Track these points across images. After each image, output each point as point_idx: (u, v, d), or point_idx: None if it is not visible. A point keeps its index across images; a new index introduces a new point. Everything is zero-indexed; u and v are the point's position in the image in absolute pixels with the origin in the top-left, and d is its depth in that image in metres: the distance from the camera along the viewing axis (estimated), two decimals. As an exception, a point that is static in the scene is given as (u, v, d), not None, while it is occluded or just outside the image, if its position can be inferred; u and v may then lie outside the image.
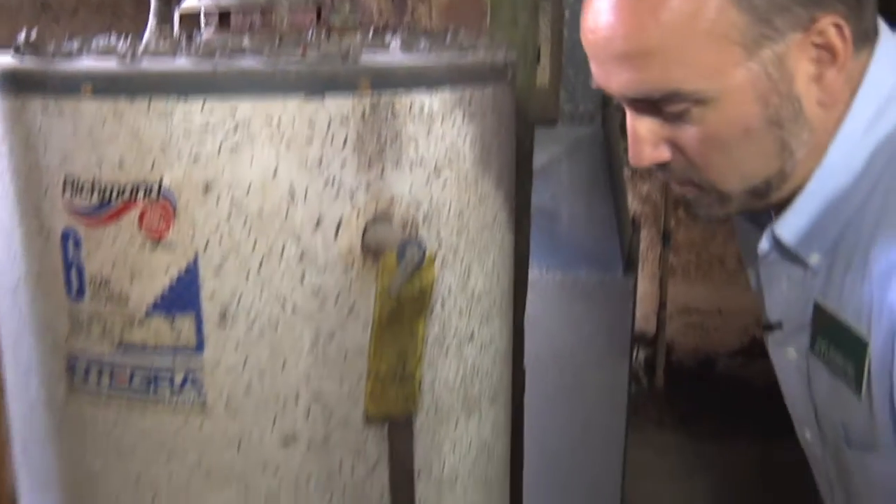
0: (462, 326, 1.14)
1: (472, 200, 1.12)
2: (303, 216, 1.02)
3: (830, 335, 1.04)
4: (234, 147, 1.00)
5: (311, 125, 1.00)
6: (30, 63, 1.08)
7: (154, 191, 1.00)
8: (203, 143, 0.99)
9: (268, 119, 0.99)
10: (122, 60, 1.05)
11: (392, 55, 1.13)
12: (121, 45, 1.10)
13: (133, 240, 1.02)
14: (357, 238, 1.04)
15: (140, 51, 1.07)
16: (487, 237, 1.16)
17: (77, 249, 1.05)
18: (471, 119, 1.11)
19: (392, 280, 1.01)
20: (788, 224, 1.05)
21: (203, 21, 1.18)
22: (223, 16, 1.16)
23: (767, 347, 1.20)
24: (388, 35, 1.18)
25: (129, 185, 1.01)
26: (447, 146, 1.08)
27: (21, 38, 1.11)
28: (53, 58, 1.09)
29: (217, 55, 1.05)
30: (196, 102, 0.99)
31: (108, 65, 1.04)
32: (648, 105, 1.00)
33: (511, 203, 1.24)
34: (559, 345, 2.32)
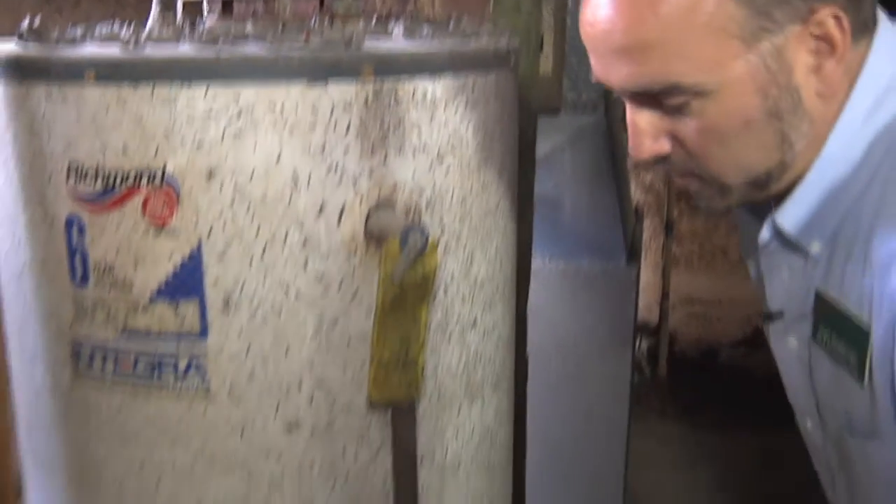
0: (465, 313, 1.15)
1: (475, 187, 1.13)
2: (306, 202, 1.02)
3: (832, 324, 1.04)
4: (238, 133, 1.00)
5: (315, 111, 1.01)
6: (33, 50, 1.08)
7: (157, 177, 1.01)
8: (206, 130, 1.00)
9: (271, 105, 1.00)
10: (126, 47, 1.05)
11: (395, 42, 1.13)
12: (124, 32, 1.10)
13: (137, 226, 1.02)
14: (360, 224, 1.04)
15: (143, 37, 1.07)
16: (490, 224, 1.16)
17: (81, 236, 1.05)
18: (473, 106, 1.11)
19: (395, 266, 1.01)
20: (789, 213, 1.06)
21: (206, 8, 1.18)
22: (226, 3, 1.17)
23: (768, 337, 1.20)
24: (391, 22, 1.18)
25: (133, 172, 1.01)
26: (450, 133, 1.09)
27: (25, 25, 1.11)
28: (57, 44, 1.09)
29: (220, 42, 1.05)
30: (199, 89, 0.99)
31: (112, 51, 1.04)
32: (648, 98, 1.00)
33: (514, 190, 1.24)
34: (562, 334, 2.32)
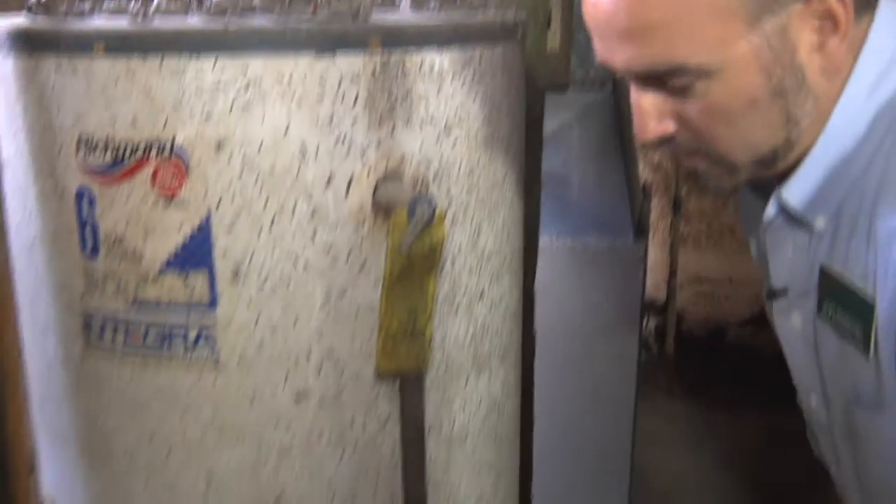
0: (472, 284, 1.15)
1: (482, 159, 1.13)
2: (314, 174, 1.02)
3: (837, 298, 1.04)
4: (246, 105, 1.00)
5: (322, 83, 1.01)
6: (42, 22, 1.09)
7: (167, 149, 1.01)
8: (215, 101, 1.00)
9: (279, 77, 1.00)
10: (134, 19, 1.05)
11: (402, 13, 1.13)
12: (132, 4, 1.10)
13: (146, 198, 1.03)
14: (368, 196, 1.04)
15: (152, 9, 1.08)
16: (497, 196, 1.17)
17: (91, 208, 1.06)
18: (480, 78, 1.11)
19: (403, 237, 1.01)
20: (794, 189, 1.06)
21: (214, -19, 1.18)
22: (234, -24, 1.17)
23: (770, 315, 1.20)
24: (398, -6, 1.18)
25: (142, 144, 1.02)
26: (457, 105, 1.09)
27: (33, -1, 1.12)
28: (66, 17, 1.09)
29: (228, 14, 1.06)
30: (208, 60, 0.99)
31: (120, 23, 1.05)
32: (652, 79, 1.00)
33: (520, 163, 1.24)
34: (569, 311, 2.33)
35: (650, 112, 1.02)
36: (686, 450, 3.58)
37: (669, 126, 1.03)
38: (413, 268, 1.04)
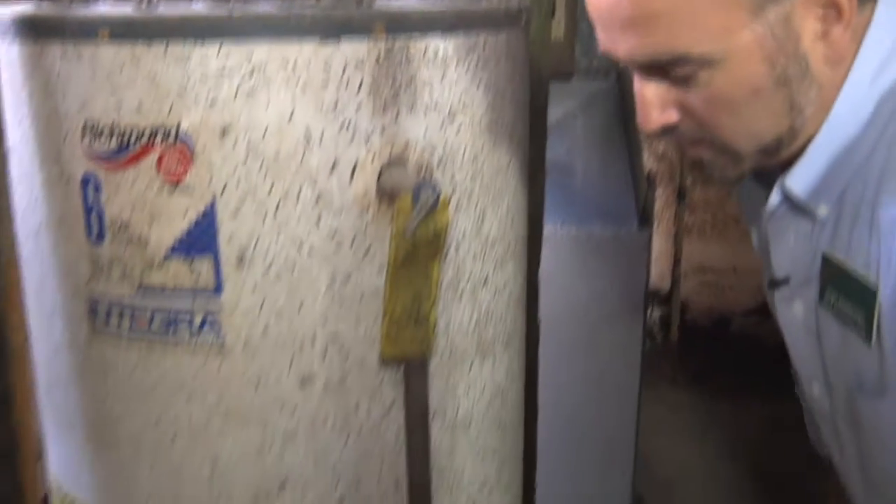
0: (476, 271, 1.16)
1: (487, 145, 1.13)
2: (319, 160, 1.03)
3: (839, 286, 1.05)
4: (251, 91, 1.00)
5: (327, 69, 1.01)
6: (47, 9, 1.09)
7: (172, 135, 1.02)
8: (220, 87, 1.00)
9: (283, 63, 1.00)
10: (139, 5, 1.06)
11: (406, 0, 1.13)
12: (137, -9, 1.11)
13: (152, 183, 1.03)
14: (372, 181, 1.05)
15: (156, -4, 1.08)
16: (501, 182, 1.17)
17: (97, 194, 1.06)
18: (485, 64, 1.11)
19: (407, 222, 1.02)
20: (798, 177, 1.06)
21: (218, -32, 1.19)
22: (238, -38, 1.17)
23: (772, 304, 1.21)
24: (403, -19, 1.18)
25: (148, 130, 1.02)
26: (461, 91, 1.09)
27: (39, -15, 1.12)
28: (71, 3, 1.10)
29: (232, 0, 1.06)
30: (212, 47, 1.00)
31: (125, 10, 1.05)
32: (655, 69, 1.00)
33: (524, 150, 1.24)
34: (573, 299, 2.33)
35: (653, 102, 1.02)
36: (690, 439, 3.59)
37: (672, 115, 1.03)
38: (417, 253, 1.04)
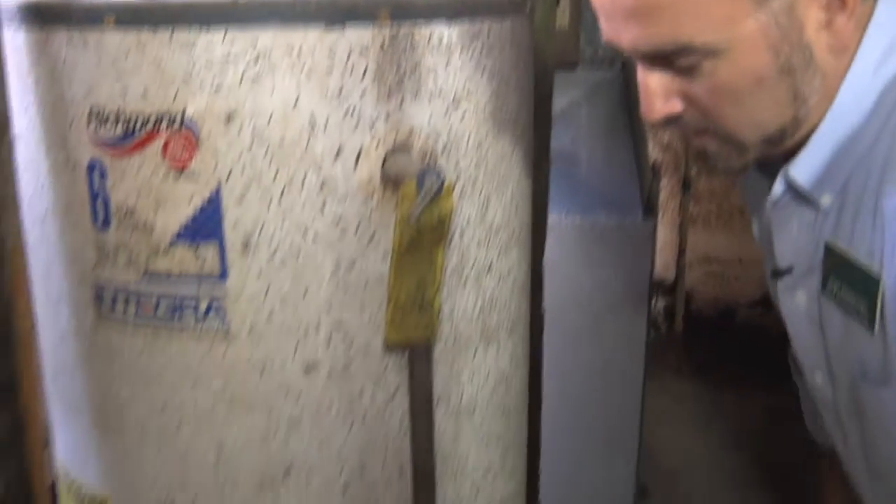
0: (480, 257, 1.16)
1: (491, 132, 1.13)
2: (323, 146, 1.03)
3: (842, 275, 1.05)
4: (256, 77, 1.01)
5: (332, 55, 1.01)
6: (53, -4, 1.09)
7: (177, 121, 1.02)
8: (225, 74, 1.01)
9: (288, 49, 1.00)
10: (145, -8, 1.06)
11: (411, -13, 1.13)
12: (143, -22, 1.11)
13: (157, 170, 1.04)
14: (377, 168, 1.05)
15: (162, -17, 1.08)
16: (506, 169, 1.17)
17: (103, 180, 1.07)
18: (489, 52, 1.11)
19: (411, 208, 1.02)
20: (802, 166, 1.06)
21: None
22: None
23: (775, 294, 1.21)
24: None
25: (153, 116, 1.02)
26: (466, 78, 1.09)
27: (44, -28, 1.12)
28: (77, -10, 1.10)
29: (238, -14, 1.06)
30: (218, 33, 1.00)
31: (131, -4, 1.05)
32: (659, 59, 1.00)
33: (529, 137, 1.24)
34: (578, 289, 2.34)
35: (657, 92, 1.02)
36: (694, 429, 3.60)
37: (676, 105, 1.03)
38: (422, 239, 1.05)
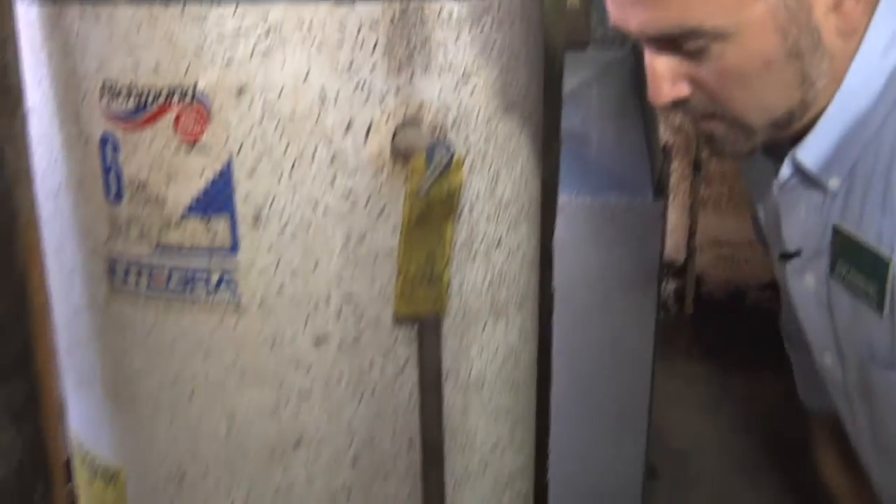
0: (490, 232, 1.16)
1: (501, 107, 1.14)
2: (334, 119, 1.03)
3: (850, 257, 1.05)
4: (267, 51, 1.01)
5: (342, 29, 1.02)
6: (66, -30, 1.10)
7: (189, 94, 1.03)
8: (236, 47, 1.01)
9: (299, 23, 1.01)
10: (156, -34, 1.07)
11: (421, -39, 1.13)
12: (154, -48, 1.11)
13: (169, 143, 1.05)
14: (387, 142, 1.05)
15: (173, -43, 1.09)
16: (515, 144, 1.17)
17: (115, 154, 1.08)
18: (499, 26, 1.12)
19: (421, 182, 1.03)
20: (810, 149, 1.06)
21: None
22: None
23: (782, 278, 1.21)
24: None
25: (165, 89, 1.03)
26: (475, 52, 1.09)
27: (57, -53, 1.13)
28: (89, -35, 1.10)
29: (249, -39, 1.06)
30: (229, 6, 1.00)
31: (143, -30, 1.06)
32: (667, 42, 1.00)
33: (539, 113, 1.25)
34: (588, 269, 2.34)
35: (664, 75, 1.02)
36: (704, 411, 3.60)
37: (684, 89, 1.03)
38: (431, 213, 1.05)
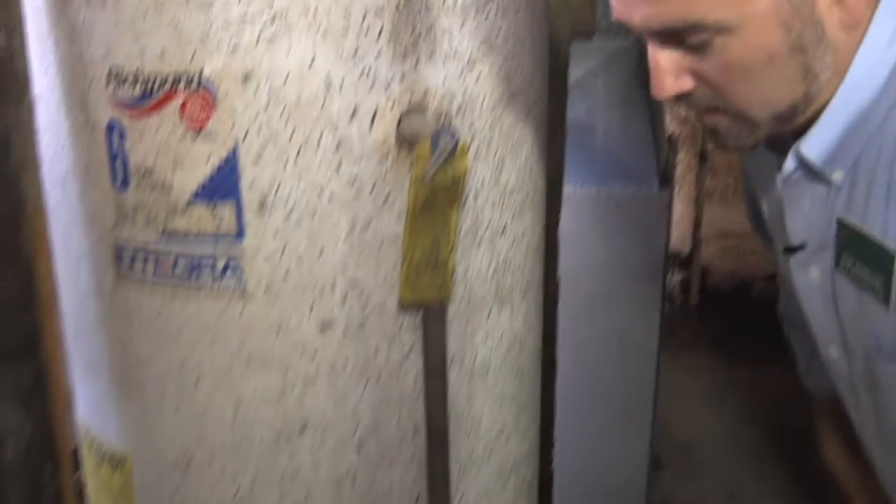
0: (495, 219, 1.17)
1: (506, 94, 1.14)
2: (339, 106, 1.04)
3: (855, 251, 1.05)
4: (272, 38, 1.01)
5: (347, 16, 1.02)
6: (72, -43, 1.10)
7: (195, 81, 1.03)
8: (241, 34, 1.01)
9: (304, 9, 1.01)
10: (162, -47, 1.07)
11: (426, -52, 1.13)
12: (160, -60, 1.11)
13: (175, 130, 1.05)
14: (392, 128, 1.06)
15: (179, -56, 1.09)
16: (520, 132, 1.18)
17: (122, 140, 1.08)
18: (504, 13, 1.12)
19: (426, 168, 1.03)
20: (813, 142, 1.06)
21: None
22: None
23: (786, 271, 1.21)
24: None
25: (171, 76, 1.03)
26: (481, 39, 1.10)
27: (63, -66, 1.13)
28: (95, -48, 1.11)
29: (254, -52, 1.06)
30: (234, -7, 1.01)
31: (149, -43, 1.06)
32: (670, 36, 1.00)
33: (543, 101, 1.25)
34: (593, 259, 2.34)
35: (667, 69, 1.02)
36: (709, 402, 3.61)
37: (687, 83, 1.03)
38: (436, 199, 1.06)
